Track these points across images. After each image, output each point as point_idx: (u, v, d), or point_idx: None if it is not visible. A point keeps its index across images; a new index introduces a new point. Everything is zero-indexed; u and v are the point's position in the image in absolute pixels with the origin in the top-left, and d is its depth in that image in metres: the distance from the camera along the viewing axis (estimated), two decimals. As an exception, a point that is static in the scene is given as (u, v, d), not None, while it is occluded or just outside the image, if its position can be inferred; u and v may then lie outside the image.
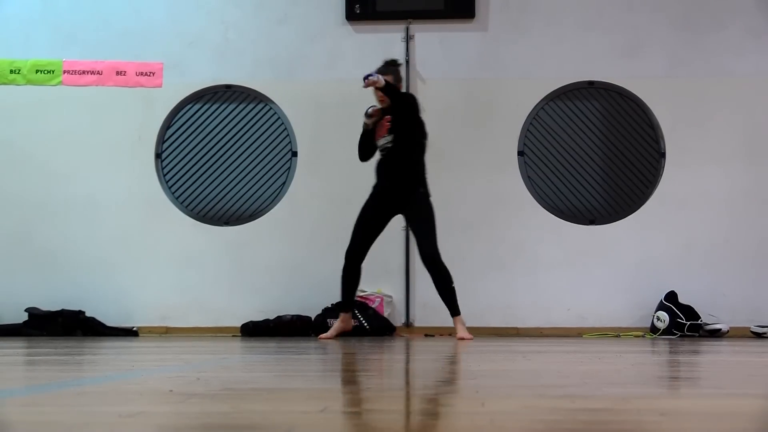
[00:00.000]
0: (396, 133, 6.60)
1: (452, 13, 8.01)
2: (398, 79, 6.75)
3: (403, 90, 6.87)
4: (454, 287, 6.56)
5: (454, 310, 6.59)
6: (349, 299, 6.80)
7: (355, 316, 7.43)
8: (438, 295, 6.64)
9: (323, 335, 6.89)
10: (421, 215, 6.57)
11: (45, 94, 8.10)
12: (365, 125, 6.64)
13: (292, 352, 4.86)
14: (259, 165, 8.13)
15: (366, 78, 6.40)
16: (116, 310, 7.87)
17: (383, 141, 6.65)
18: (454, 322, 6.63)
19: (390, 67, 6.73)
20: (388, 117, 6.58)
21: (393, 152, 6.62)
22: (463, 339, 6.51)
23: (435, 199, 7.92)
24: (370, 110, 6.59)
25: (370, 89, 6.57)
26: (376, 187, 6.70)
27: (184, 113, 8.17)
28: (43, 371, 3.65)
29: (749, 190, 7.82)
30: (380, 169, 6.69)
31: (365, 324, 7.47)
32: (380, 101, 6.60)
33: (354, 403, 2.36)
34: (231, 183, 8.13)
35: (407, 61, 7.99)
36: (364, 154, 6.75)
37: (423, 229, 6.53)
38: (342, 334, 6.85)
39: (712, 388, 2.85)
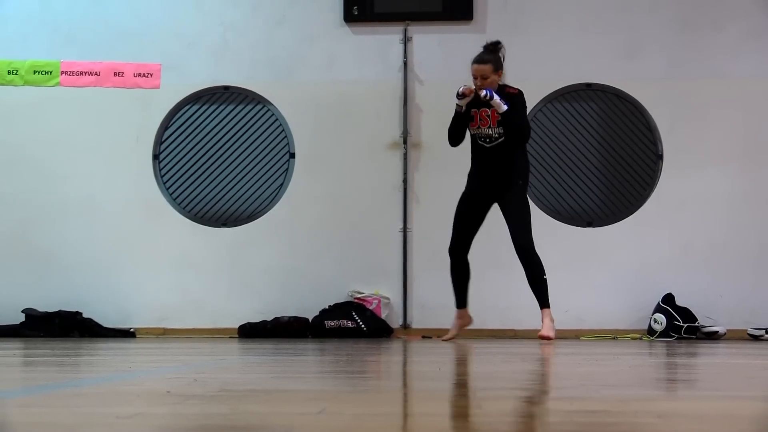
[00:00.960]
0: (506, 127, 6.31)
1: (450, 15, 8.00)
2: (499, 66, 6.39)
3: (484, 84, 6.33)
4: (546, 278, 6.38)
5: (544, 302, 6.38)
6: (463, 295, 6.63)
7: (352, 318, 7.44)
8: (434, 298, 6.64)
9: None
10: (519, 206, 6.42)
11: (43, 95, 8.09)
12: (458, 107, 6.35)
13: (289, 354, 4.86)
14: (257, 166, 8.13)
15: (485, 97, 6.15)
16: (114, 311, 7.86)
17: (489, 131, 6.37)
18: (543, 315, 6.38)
19: (485, 56, 6.35)
20: (493, 109, 6.26)
21: (503, 146, 6.36)
22: (542, 337, 6.29)
23: (432, 201, 7.94)
24: (461, 89, 6.29)
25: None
26: (477, 179, 6.51)
27: (182, 114, 8.17)
28: (41, 372, 3.65)
29: (747, 192, 7.82)
30: (485, 160, 6.43)
31: (362, 325, 7.47)
32: (479, 89, 6.23)
33: (351, 405, 2.36)
34: (229, 184, 8.12)
35: (405, 63, 7.99)
36: (456, 138, 6.49)
37: (520, 219, 6.40)
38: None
39: (709, 391, 2.86)
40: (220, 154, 8.13)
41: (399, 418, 2.10)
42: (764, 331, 7.46)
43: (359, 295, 7.73)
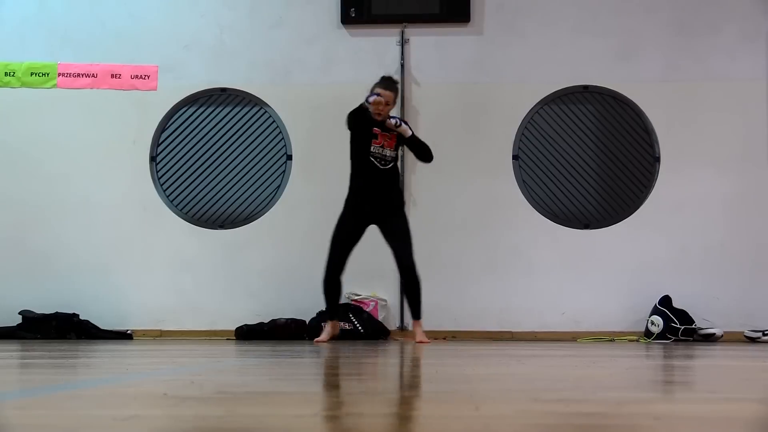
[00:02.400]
0: (414, 148, 6.70)
1: (447, 17, 8.01)
2: (397, 96, 6.70)
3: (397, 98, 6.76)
4: (421, 293, 6.71)
5: (418, 314, 6.72)
6: (336, 309, 6.89)
7: (349, 320, 7.44)
8: (431, 300, 6.69)
9: (318, 339, 6.91)
10: (405, 228, 6.69)
11: (40, 97, 8.10)
12: (366, 101, 6.45)
13: (286, 356, 4.86)
14: (254, 168, 8.13)
15: (397, 125, 6.51)
16: (111, 313, 7.86)
17: (387, 152, 6.64)
18: (415, 326, 6.78)
19: (393, 84, 6.67)
20: (393, 134, 6.59)
21: (393, 169, 6.69)
22: (421, 342, 6.63)
23: (429, 203, 7.94)
24: (371, 99, 6.44)
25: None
26: (362, 199, 6.66)
27: (179, 116, 8.17)
28: (37, 374, 3.64)
29: (744, 194, 7.83)
30: (375, 181, 6.63)
31: (360, 327, 7.47)
32: (377, 115, 6.50)
33: (348, 407, 2.35)
34: (226, 186, 8.12)
35: (402, 65, 8.00)
36: (355, 124, 6.55)
37: (406, 241, 6.66)
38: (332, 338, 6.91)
39: (706, 393, 2.86)
40: (217, 156, 8.14)
41: (396, 420, 2.10)
42: (761, 333, 7.47)
43: (356, 297, 7.74)
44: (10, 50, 8.11)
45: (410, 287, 6.66)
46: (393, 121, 6.55)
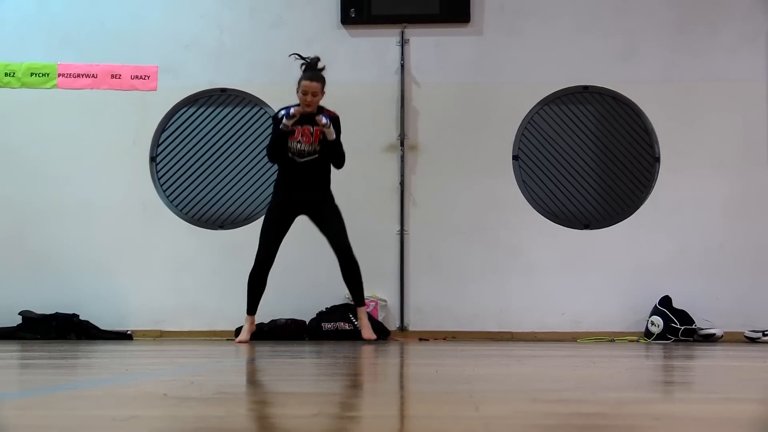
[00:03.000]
0: (323, 145, 6.66)
1: (447, 17, 8.01)
2: (325, 85, 6.69)
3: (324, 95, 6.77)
4: (361, 279, 6.77)
5: (360, 300, 6.80)
6: (256, 304, 6.93)
7: (349, 320, 7.44)
8: (430, 300, 6.67)
9: (240, 339, 6.91)
10: (337, 216, 6.73)
11: (40, 98, 8.09)
12: (284, 126, 6.61)
13: (286, 356, 4.85)
14: (254, 168, 8.13)
15: (326, 125, 6.53)
16: (110, 313, 7.86)
17: (308, 148, 6.67)
18: (360, 314, 6.84)
19: (317, 73, 6.67)
20: (318, 128, 6.61)
21: (317, 162, 6.68)
22: (368, 338, 6.77)
23: (429, 203, 7.94)
24: (293, 110, 6.58)
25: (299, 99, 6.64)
26: (286, 192, 6.74)
27: (179, 117, 8.17)
28: (37, 375, 3.64)
29: (744, 194, 7.83)
30: (296, 174, 6.69)
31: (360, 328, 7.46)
32: (306, 106, 6.59)
33: (348, 408, 2.35)
34: (226, 186, 8.12)
35: (402, 66, 8.00)
36: (278, 155, 6.73)
37: (340, 227, 6.71)
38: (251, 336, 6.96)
39: (706, 393, 2.86)
40: (217, 157, 8.13)
41: (396, 421, 2.10)
42: (761, 333, 7.46)
43: (356, 298, 7.73)
44: (10, 51, 8.11)
45: (349, 270, 6.70)
46: (324, 120, 6.54)
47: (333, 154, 6.69)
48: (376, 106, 7.96)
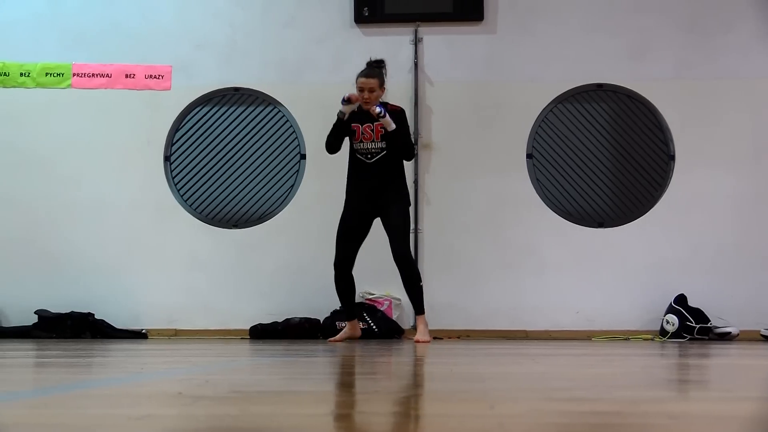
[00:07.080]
0: (387, 140, 6.52)
1: (461, 16, 8.00)
2: (384, 82, 6.57)
3: (386, 88, 6.65)
4: (422, 286, 6.65)
5: (420, 309, 6.66)
6: (351, 308, 6.84)
7: (363, 319, 7.44)
8: (444, 298, 6.65)
9: (333, 338, 6.91)
10: (403, 219, 6.58)
11: (54, 97, 8.13)
12: (341, 113, 6.51)
13: (300, 355, 4.86)
14: (268, 167, 8.14)
15: (381, 114, 6.34)
16: (125, 312, 7.88)
17: (371, 145, 6.55)
18: (418, 321, 6.68)
19: (375, 70, 6.55)
20: (379, 123, 6.45)
21: (386, 159, 6.54)
22: (419, 342, 6.54)
23: (443, 202, 7.94)
24: (347, 95, 6.46)
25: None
26: (358, 194, 6.61)
27: (193, 116, 8.18)
28: (52, 373, 3.66)
29: (759, 192, 7.80)
30: (366, 175, 6.56)
31: (374, 326, 7.47)
32: (365, 103, 6.44)
33: (361, 406, 2.35)
34: (239, 186, 8.14)
35: (415, 64, 7.99)
36: (335, 146, 6.64)
37: (403, 232, 6.55)
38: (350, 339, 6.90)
39: (721, 392, 2.84)
40: (231, 156, 8.15)
41: (410, 419, 2.10)
42: (777, 331, 7.43)
43: (370, 296, 7.74)
44: (25, 51, 8.14)
45: (406, 278, 6.58)
46: (377, 109, 6.38)
47: (397, 145, 6.50)
48: (389, 104, 7.95)
